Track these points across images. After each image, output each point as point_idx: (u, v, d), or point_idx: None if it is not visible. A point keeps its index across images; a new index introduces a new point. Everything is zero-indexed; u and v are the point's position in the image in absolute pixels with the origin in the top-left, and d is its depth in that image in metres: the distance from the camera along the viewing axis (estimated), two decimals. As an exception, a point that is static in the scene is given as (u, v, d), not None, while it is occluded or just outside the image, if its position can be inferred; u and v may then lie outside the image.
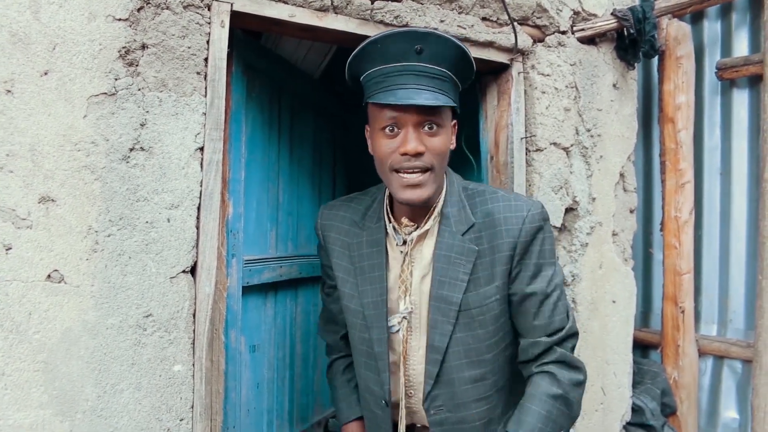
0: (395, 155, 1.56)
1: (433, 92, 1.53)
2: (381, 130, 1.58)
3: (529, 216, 1.63)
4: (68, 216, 1.58)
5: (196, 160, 1.77)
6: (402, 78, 1.53)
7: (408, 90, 1.51)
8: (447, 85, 1.57)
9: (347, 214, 1.83)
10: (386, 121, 1.56)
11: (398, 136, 1.56)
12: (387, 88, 1.54)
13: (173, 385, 1.73)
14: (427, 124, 1.55)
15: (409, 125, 1.54)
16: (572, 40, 2.67)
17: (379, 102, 1.54)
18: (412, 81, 1.53)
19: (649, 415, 3.00)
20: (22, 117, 1.53)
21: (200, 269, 1.78)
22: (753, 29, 3.22)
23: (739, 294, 3.26)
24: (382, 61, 1.55)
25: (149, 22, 1.71)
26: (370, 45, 1.56)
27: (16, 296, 1.52)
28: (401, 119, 1.54)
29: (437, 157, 1.58)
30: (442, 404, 1.72)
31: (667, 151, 3.22)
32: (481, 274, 1.66)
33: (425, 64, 1.53)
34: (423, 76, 1.53)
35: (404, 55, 1.53)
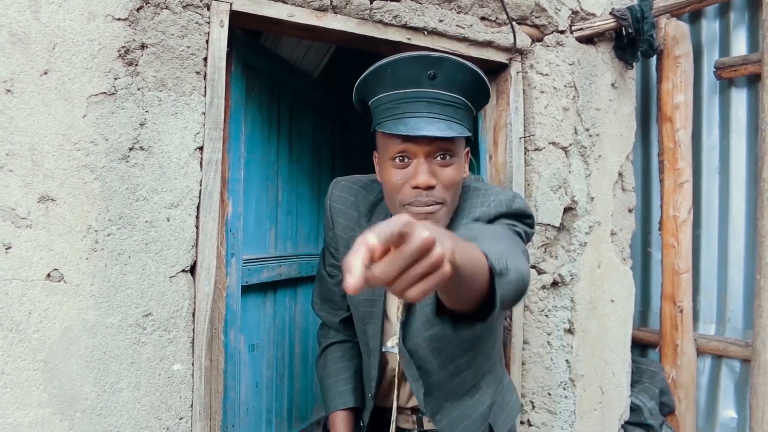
0: (406, 188, 1.49)
1: (447, 121, 1.45)
2: (391, 160, 1.51)
3: (494, 201, 1.58)
4: (68, 215, 1.59)
5: (196, 160, 1.78)
6: (414, 105, 1.45)
7: (420, 119, 1.44)
8: (461, 113, 1.50)
9: (358, 200, 1.77)
10: (396, 151, 1.48)
11: (409, 167, 1.49)
12: (397, 116, 1.46)
13: (172, 384, 1.74)
14: (439, 154, 1.48)
15: (420, 156, 1.47)
16: (571, 39, 2.67)
17: (389, 132, 1.46)
18: (424, 109, 1.45)
19: (648, 414, 3.00)
20: (21, 116, 1.53)
21: (200, 268, 1.79)
22: (751, 28, 3.23)
23: (738, 293, 3.26)
24: (392, 87, 1.48)
25: (148, 22, 1.71)
26: (380, 69, 1.49)
27: (15, 295, 1.52)
28: (412, 149, 1.47)
29: (450, 190, 1.51)
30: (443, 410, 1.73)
31: (665, 151, 3.22)
32: None
33: (438, 90, 1.46)
34: (436, 103, 1.45)
35: (417, 80, 1.45)
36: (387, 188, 1.55)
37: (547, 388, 2.61)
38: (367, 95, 1.56)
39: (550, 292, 2.60)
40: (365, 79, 1.54)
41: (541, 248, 2.56)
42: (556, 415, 2.63)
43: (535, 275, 2.53)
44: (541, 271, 2.56)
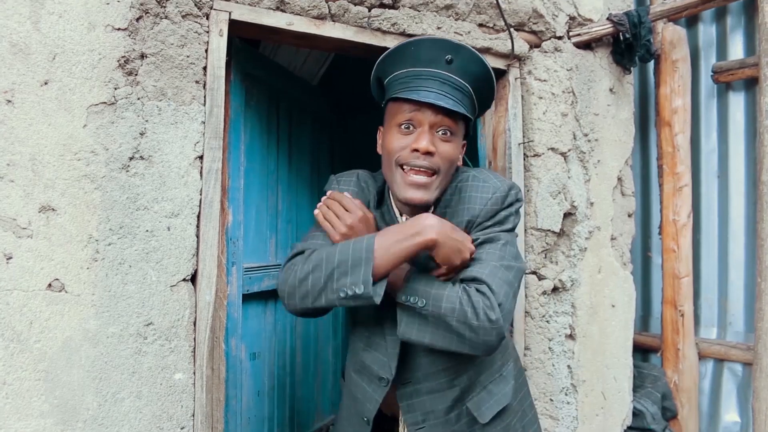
0: (405, 151, 1.59)
1: (455, 101, 1.57)
2: (397, 126, 1.61)
3: (493, 198, 1.65)
4: (68, 225, 1.59)
5: (196, 169, 1.78)
6: (428, 82, 1.57)
7: (431, 92, 1.56)
8: (467, 101, 1.61)
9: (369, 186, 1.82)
10: (404, 117, 1.59)
11: (412, 134, 1.59)
12: (412, 88, 1.58)
13: (174, 394, 1.74)
14: (441, 129, 1.59)
15: (425, 125, 1.58)
16: (568, 45, 2.68)
17: (402, 97, 1.58)
18: (436, 86, 1.57)
19: (650, 419, 3.00)
20: (22, 127, 1.54)
21: (200, 277, 1.79)
22: (748, 32, 3.24)
23: (739, 297, 3.26)
24: (412, 64, 1.60)
25: (148, 32, 1.71)
26: (404, 46, 1.60)
27: (16, 305, 1.52)
28: (419, 118, 1.58)
29: (445, 162, 1.60)
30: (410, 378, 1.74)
31: (664, 155, 3.22)
32: None
33: (452, 74, 1.58)
34: (448, 84, 1.58)
35: (435, 62, 1.57)
36: (387, 152, 1.64)
37: (549, 394, 2.60)
38: (385, 72, 1.67)
39: (551, 297, 2.60)
40: (389, 56, 1.64)
41: (542, 254, 2.56)
42: (558, 421, 2.63)
43: (535, 281, 2.53)
44: (542, 276, 2.55)
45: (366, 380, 1.81)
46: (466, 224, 1.65)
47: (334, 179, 1.87)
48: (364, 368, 1.82)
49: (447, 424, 1.76)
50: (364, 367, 1.81)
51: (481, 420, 1.78)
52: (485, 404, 1.80)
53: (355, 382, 1.84)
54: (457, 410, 1.77)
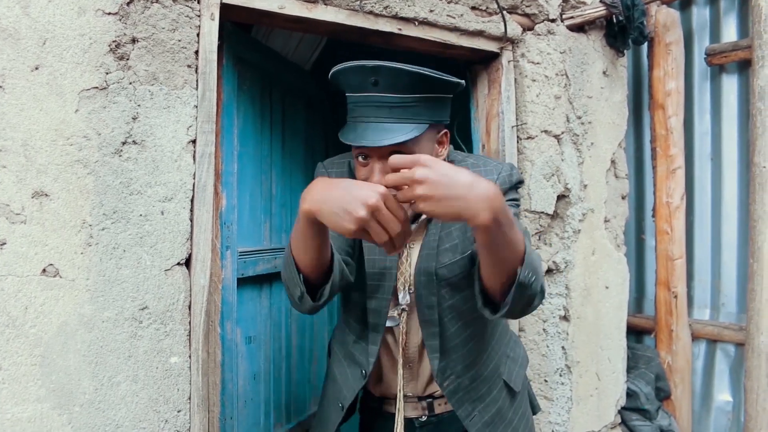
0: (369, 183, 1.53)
1: (396, 123, 1.48)
2: (356, 158, 1.57)
3: (499, 178, 1.67)
4: (62, 210, 1.59)
5: (189, 153, 1.78)
6: (363, 110, 1.51)
7: (367, 125, 1.49)
8: (415, 110, 1.51)
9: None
10: (357, 152, 1.55)
11: (369, 165, 1.54)
12: (352, 119, 1.53)
13: (170, 377, 1.74)
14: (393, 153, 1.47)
15: (374, 157, 1.51)
16: (561, 28, 2.68)
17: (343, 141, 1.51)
18: (372, 113, 1.49)
19: (644, 399, 3.02)
20: (13, 112, 1.53)
21: (195, 261, 1.79)
22: (741, 14, 3.24)
23: (731, 278, 3.29)
24: (348, 90, 1.54)
25: (139, 16, 1.71)
26: (336, 74, 1.54)
27: (11, 291, 1.52)
28: (367, 152, 1.52)
29: None
30: (451, 373, 1.76)
31: (657, 138, 3.23)
32: (458, 240, 1.68)
33: (383, 93, 1.49)
34: (384, 107, 1.49)
35: (363, 86, 1.50)
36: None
37: (543, 375, 2.62)
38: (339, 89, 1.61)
39: (545, 279, 2.61)
40: (330, 80, 1.59)
41: (535, 236, 2.57)
42: (552, 402, 2.65)
43: (529, 263, 2.54)
44: (536, 259, 2.56)
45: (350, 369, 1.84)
46: None
47: (321, 166, 1.83)
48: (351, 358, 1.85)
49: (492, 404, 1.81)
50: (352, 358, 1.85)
51: (516, 388, 1.86)
52: (514, 372, 1.88)
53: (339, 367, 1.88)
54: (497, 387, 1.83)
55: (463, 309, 1.74)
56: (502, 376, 1.85)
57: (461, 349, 1.77)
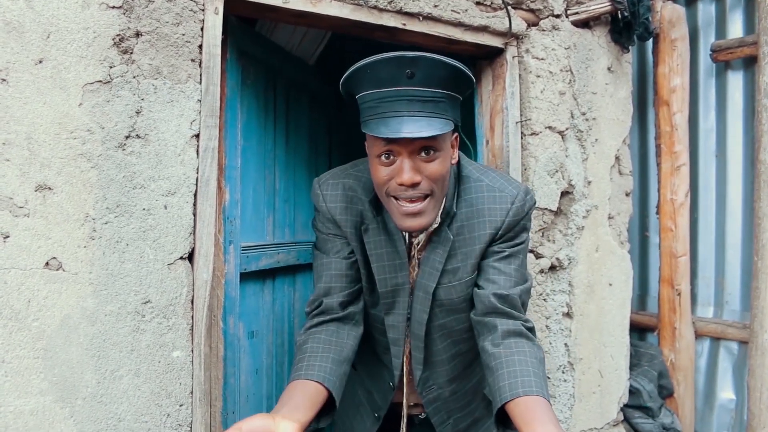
0: (392, 183, 1.51)
1: (428, 118, 1.45)
2: (377, 158, 1.52)
3: (513, 209, 1.63)
4: (65, 204, 1.59)
5: (192, 147, 1.78)
6: (395, 104, 1.45)
7: (401, 118, 1.44)
8: (443, 106, 1.49)
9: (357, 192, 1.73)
10: (381, 149, 1.49)
11: (394, 164, 1.50)
12: (379, 115, 1.47)
13: (172, 371, 1.75)
14: (423, 150, 1.48)
15: (404, 154, 1.48)
16: (566, 23, 2.67)
17: (372, 134, 1.47)
18: (404, 108, 1.45)
19: (647, 397, 3.02)
20: (17, 106, 1.53)
21: (198, 256, 1.79)
22: (747, 10, 3.22)
23: (735, 275, 3.28)
24: (374, 86, 1.48)
25: (143, 10, 1.70)
26: (359, 70, 1.49)
27: (14, 284, 1.53)
28: (395, 148, 1.48)
29: (436, 182, 1.52)
30: (433, 383, 1.81)
31: (662, 134, 3.22)
32: (460, 264, 1.66)
33: (417, 87, 1.45)
34: (416, 101, 1.45)
35: (396, 79, 1.45)
36: (375, 183, 1.57)
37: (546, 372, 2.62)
38: (353, 91, 1.57)
39: (548, 276, 2.61)
40: (348, 78, 1.54)
41: (539, 232, 2.57)
42: (555, 399, 2.65)
43: (533, 259, 2.54)
44: (539, 255, 2.56)
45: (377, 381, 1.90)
46: (488, 237, 1.63)
47: (317, 186, 1.76)
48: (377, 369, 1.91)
49: (468, 415, 1.87)
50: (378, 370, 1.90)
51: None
52: None
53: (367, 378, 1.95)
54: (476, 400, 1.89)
55: (455, 329, 1.75)
56: (484, 390, 1.87)
57: (446, 364, 1.80)
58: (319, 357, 1.59)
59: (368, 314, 1.83)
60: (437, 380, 1.80)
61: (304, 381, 1.51)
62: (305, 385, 1.50)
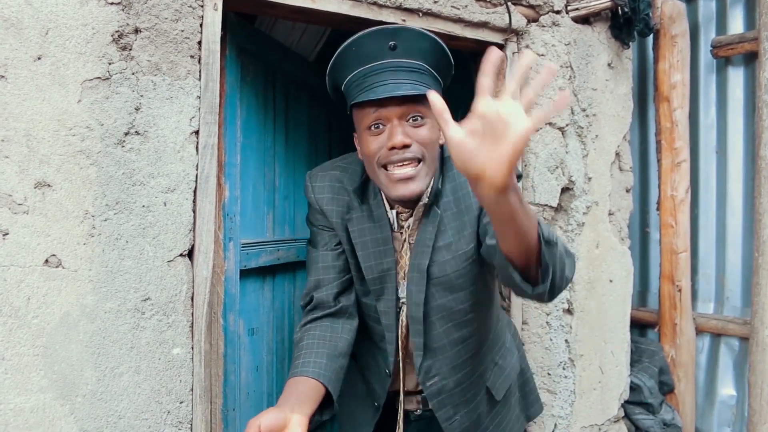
0: (383, 151, 1.55)
1: (413, 83, 1.51)
2: (367, 130, 1.57)
3: None
4: (64, 201, 1.59)
5: (192, 144, 1.77)
6: (380, 75, 1.52)
7: (387, 85, 1.51)
8: (426, 78, 1.55)
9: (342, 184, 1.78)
10: (370, 119, 1.55)
11: (384, 132, 1.55)
12: (367, 87, 1.53)
13: (172, 368, 1.74)
14: (411, 116, 1.54)
15: (393, 119, 1.53)
16: (566, 19, 2.66)
17: (361, 100, 1.53)
18: (390, 77, 1.51)
19: (647, 393, 3.02)
20: (16, 102, 1.53)
21: (197, 253, 1.79)
22: (748, 6, 3.22)
23: (736, 272, 3.27)
24: (358, 64, 1.54)
25: (142, 6, 1.70)
26: (345, 49, 1.55)
27: (14, 281, 1.52)
28: (384, 114, 1.53)
29: (427, 146, 1.56)
30: (435, 373, 1.78)
31: (662, 130, 3.22)
32: (452, 239, 1.66)
33: (401, 59, 1.52)
34: (401, 70, 1.52)
35: (379, 53, 1.52)
36: (366, 157, 1.61)
37: (546, 368, 2.62)
38: (338, 79, 1.62)
39: (549, 272, 2.60)
40: (334, 64, 1.60)
41: (539, 229, 2.56)
42: (555, 395, 2.65)
43: (533, 256, 2.53)
44: (539, 251, 2.55)
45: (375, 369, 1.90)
46: (476, 205, 1.63)
47: (308, 179, 1.82)
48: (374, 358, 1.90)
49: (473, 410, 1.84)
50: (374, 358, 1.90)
51: (497, 397, 1.87)
52: (498, 380, 1.88)
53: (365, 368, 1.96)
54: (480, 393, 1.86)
55: (455, 310, 1.73)
56: (486, 382, 1.87)
57: (449, 351, 1.77)
58: (314, 353, 1.65)
59: (361, 304, 1.85)
60: (440, 369, 1.78)
61: (301, 378, 1.57)
62: (304, 382, 1.56)
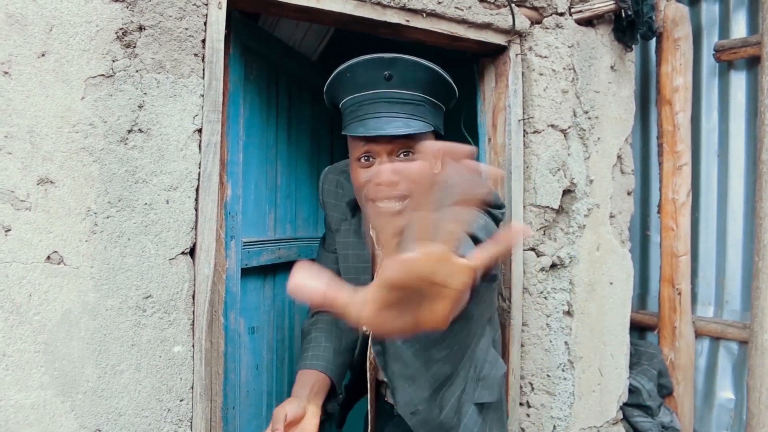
0: (371, 185, 1.54)
1: (406, 119, 1.49)
2: (357, 161, 1.57)
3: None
4: (67, 198, 1.59)
5: (194, 142, 1.77)
6: (374, 106, 1.50)
7: (379, 119, 1.48)
8: (423, 109, 1.52)
9: (344, 191, 1.83)
10: (360, 151, 1.54)
11: (373, 166, 1.54)
12: (359, 117, 1.51)
13: (173, 366, 1.75)
14: (402, 152, 1.52)
15: (383, 155, 1.52)
16: (570, 21, 2.66)
17: (351, 134, 1.52)
18: (384, 109, 1.49)
19: (646, 395, 3.02)
20: (19, 99, 1.53)
21: (199, 251, 1.79)
22: (751, 10, 3.22)
23: (736, 275, 3.27)
24: (354, 90, 1.53)
25: (146, 4, 1.70)
26: (340, 74, 1.55)
27: (15, 278, 1.52)
28: (374, 149, 1.52)
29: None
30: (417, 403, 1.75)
31: (664, 134, 3.22)
32: None
33: (396, 90, 1.49)
34: (395, 102, 1.49)
35: (374, 82, 1.50)
36: (355, 187, 1.62)
37: (546, 370, 2.62)
38: (335, 99, 1.62)
39: (549, 274, 2.61)
40: (330, 84, 1.60)
41: (540, 230, 2.56)
42: (555, 397, 2.65)
43: (533, 257, 2.54)
44: (540, 253, 2.56)
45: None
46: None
47: (322, 177, 1.90)
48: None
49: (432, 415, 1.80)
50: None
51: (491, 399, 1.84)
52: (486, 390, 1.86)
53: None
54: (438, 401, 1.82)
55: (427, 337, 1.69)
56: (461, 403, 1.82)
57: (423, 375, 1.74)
58: (322, 347, 1.80)
59: None
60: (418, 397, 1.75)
61: (311, 371, 1.75)
62: (314, 375, 1.74)
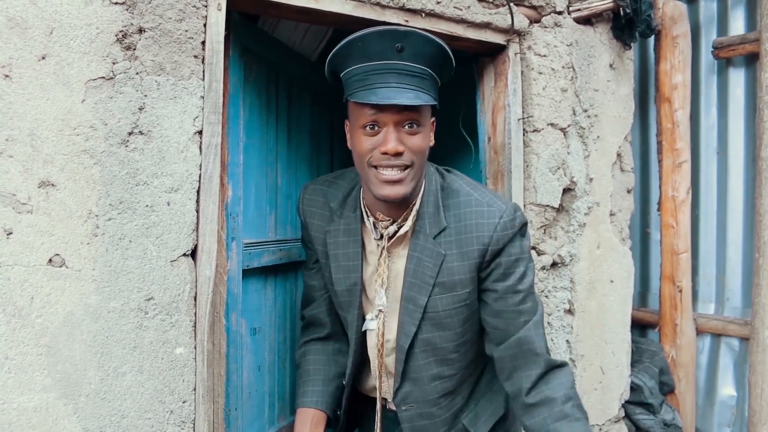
0: (375, 152, 1.57)
1: (415, 91, 1.53)
2: (361, 128, 1.59)
3: (500, 224, 1.65)
4: (68, 200, 1.59)
5: (195, 144, 1.77)
6: (383, 76, 1.53)
7: (389, 89, 1.51)
8: (427, 83, 1.57)
9: (326, 199, 1.85)
10: (367, 119, 1.56)
11: (378, 134, 1.56)
12: (368, 86, 1.54)
13: (175, 368, 1.75)
14: (407, 123, 1.56)
15: (389, 124, 1.55)
16: (568, 20, 2.67)
17: (361, 101, 1.54)
18: (393, 79, 1.52)
19: (648, 393, 3.02)
20: (20, 101, 1.53)
21: (200, 252, 1.79)
22: (749, 7, 3.22)
23: (736, 272, 3.28)
24: (363, 59, 1.55)
25: (146, 6, 1.70)
26: (352, 42, 1.56)
27: (17, 281, 1.52)
28: (382, 118, 1.54)
29: (417, 155, 1.59)
30: (411, 401, 1.82)
31: (663, 131, 3.22)
32: (449, 279, 1.68)
33: (406, 62, 1.53)
34: (404, 74, 1.53)
35: (386, 53, 1.52)
36: (357, 154, 1.64)
37: (547, 369, 2.62)
38: (339, 67, 1.63)
39: (550, 272, 2.61)
40: (337, 53, 1.60)
41: (541, 229, 2.57)
42: (556, 395, 2.64)
43: (534, 256, 2.54)
44: (541, 252, 2.56)
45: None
46: (477, 253, 1.65)
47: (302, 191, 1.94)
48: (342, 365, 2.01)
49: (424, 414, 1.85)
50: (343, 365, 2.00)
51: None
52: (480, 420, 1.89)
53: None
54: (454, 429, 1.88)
55: (439, 347, 1.76)
56: (463, 420, 1.88)
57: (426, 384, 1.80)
58: (311, 382, 1.92)
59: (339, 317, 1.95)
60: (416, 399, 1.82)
61: (305, 409, 1.87)
62: (309, 413, 1.86)
